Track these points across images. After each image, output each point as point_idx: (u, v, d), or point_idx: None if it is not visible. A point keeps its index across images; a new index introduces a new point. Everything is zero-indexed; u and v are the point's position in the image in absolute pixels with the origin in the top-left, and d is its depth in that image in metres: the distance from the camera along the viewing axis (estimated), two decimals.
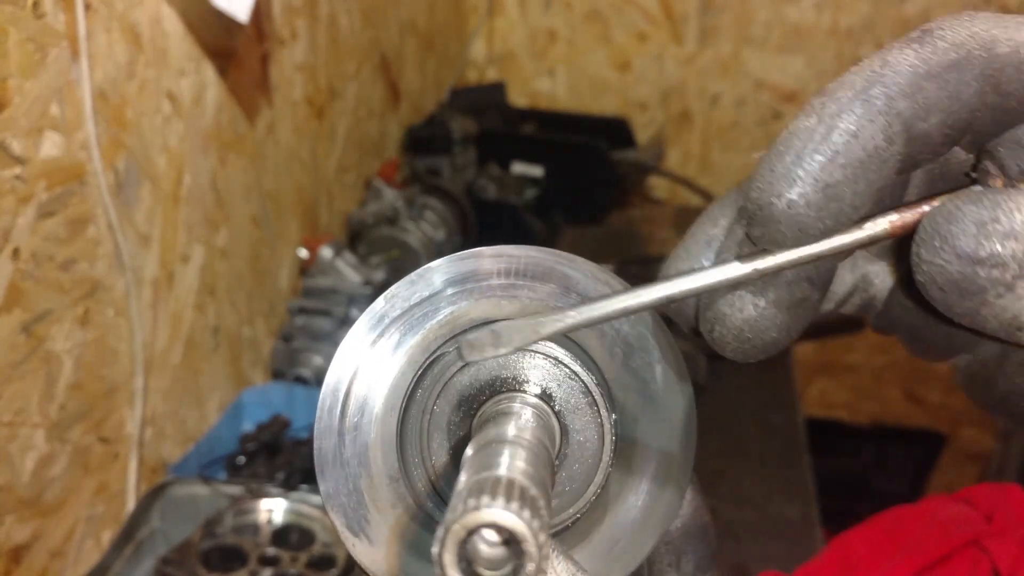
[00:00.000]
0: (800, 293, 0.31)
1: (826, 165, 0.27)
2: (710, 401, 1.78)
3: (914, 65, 0.28)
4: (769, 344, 0.31)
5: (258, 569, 1.19)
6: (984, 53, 0.28)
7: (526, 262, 0.34)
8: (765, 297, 0.31)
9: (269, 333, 1.72)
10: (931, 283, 0.28)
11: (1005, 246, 0.26)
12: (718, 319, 0.31)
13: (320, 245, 1.76)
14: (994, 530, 0.82)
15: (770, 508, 1.47)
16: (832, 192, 0.28)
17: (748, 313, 0.31)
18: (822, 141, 0.28)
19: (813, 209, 0.28)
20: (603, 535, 0.35)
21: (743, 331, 0.31)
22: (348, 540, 0.34)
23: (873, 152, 0.28)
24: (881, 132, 0.28)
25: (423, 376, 0.34)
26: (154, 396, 1.33)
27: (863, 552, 0.90)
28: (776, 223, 0.28)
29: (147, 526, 1.26)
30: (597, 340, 0.34)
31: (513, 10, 2.79)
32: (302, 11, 1.74)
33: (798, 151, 0.28)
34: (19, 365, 1.03)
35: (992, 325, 0.28)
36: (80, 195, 1.11)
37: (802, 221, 0.28)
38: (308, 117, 1.82)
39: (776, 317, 0.31)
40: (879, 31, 2.59)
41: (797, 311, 0.31)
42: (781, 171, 0.28)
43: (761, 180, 0.29)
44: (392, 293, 0.34)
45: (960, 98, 0.28)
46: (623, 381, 0.34)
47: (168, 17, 1.28)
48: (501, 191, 2.32)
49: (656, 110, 2.81)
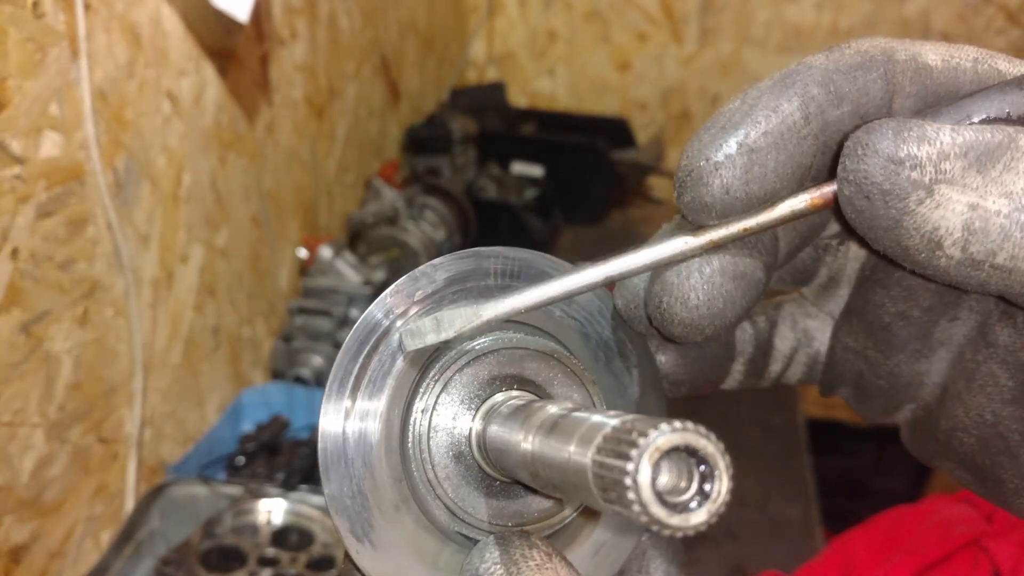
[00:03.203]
0: (743, 265, 0.32)
1: (749, 133, 0.30)
2: (710, 401, 1.78)
3: (825, 63, 0.31)
4: (716, 315, 0.32)
5: (257, 569, 1.19)
6: (884, 57, 0.31)
7: (520, 264, 0.34)
8: (710, 265, 0.32)
9: (269, 333, 1.72)
10: (857, 193, 0.29)
11: (920, 148, 0.28)
12: (666, 289, 0.33)
13: (320, 245, 1.76)
14: (994, 530, 0.82)
15: (770, 508, 1.47)
16: (756, 157, 0.30)
17: (695, 280, 0.32)
18: (746, 115, 0.30)
19: (738, 171, 0.30)
20: (590, 538, 0.35)
21: (689, 298, 0.32)
22: (352, 545, 0.33)
23: (792, 126, 0.30)
24: (798, 110, 0.30)
25: (424, 375, 0.34)
26: (153, 396, 1.33)
27: (863, 552, 0.90)
28: (705, 185, 0.30)
29: (146, 526, 1.26)
30: (582, 343, 0.35)
31: (513, 10, 2.79)
32: (302, 11, 1.74)
33: (723, 124, 0.30)
34: (18, 365, 1.03)
35: (914, 240, 0.29)
36: (79, 195, 1.11)
37: (728, 183, 0.30)
38: (308, 117, 1.82)
39: (723, 285, 0.32)
40: (879, 31, 2.59)
41: (741, 283, 0.32)
42: (707, 139, 0.30)
43: (690, 148, 0.31)
44: (397, 287, 0.34)
45: (868, 93, 0.31)
46: (605, 383, 0.35)
47: (168, 17, 1.28)
48: (501, 191, 2.32)
49: (656, 110, 2.81)
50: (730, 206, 0.30)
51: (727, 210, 0.31)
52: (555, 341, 0.35)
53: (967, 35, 2.53)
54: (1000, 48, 1.91)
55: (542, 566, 0.30)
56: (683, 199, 0.31)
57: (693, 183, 0.31)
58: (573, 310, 0.35)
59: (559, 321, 0.35)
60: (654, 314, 0.33)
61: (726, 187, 0.30)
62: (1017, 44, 2.51)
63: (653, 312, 0.33)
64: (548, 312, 0.35)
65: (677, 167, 0.31)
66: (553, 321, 0.35)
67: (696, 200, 0.31)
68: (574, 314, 0.35)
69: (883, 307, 0.35)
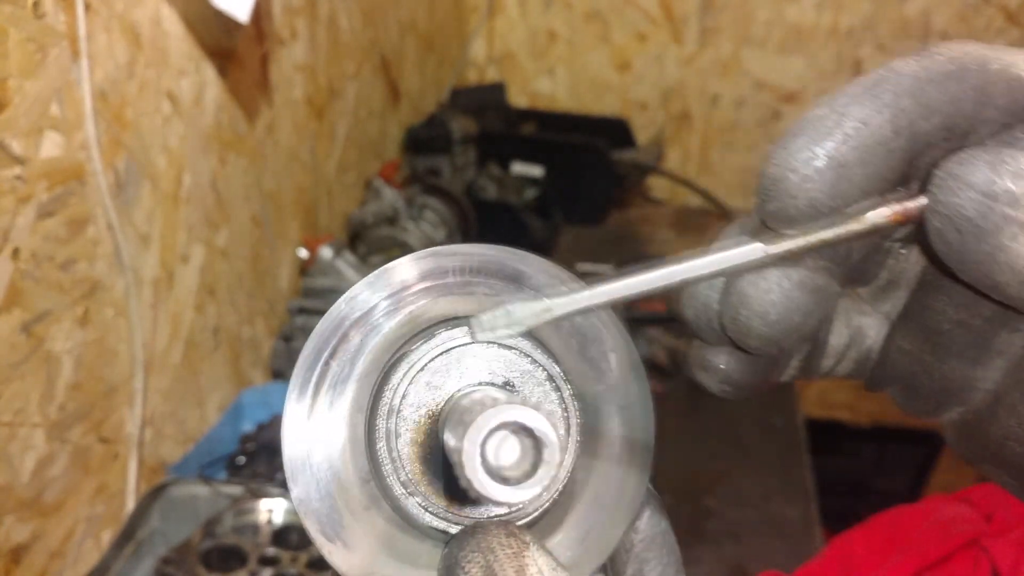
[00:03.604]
0: (821, 279, 0.32)
1: (839, 146, 0.29)
2: (710, 401, 1.78)
3: (916, 71, 0.30)
4: (793, 329, 0.32)
5: (258, 569, 1.19)
6: (977, 67, 0.30)
7: (480, 260, 0.35)
8: (790, 278, 0.32)
9: (269, 333, 1.72)
10: (948, 226, 0.29)
11: (1017, 184, 0.28)
12: (743, 303, 0.32)
13: (320, 245, 1.76)
14: (994, 530, 0.82)
15: (770, 508, 1.47)
16: (843, 172, 0.30)
17: (774, 295, 0.32)
18: (835, 126, 0.30)
19: (826, 185, 0.30)
20: (575, 523, 0.35)
21: (768, 312, 0.32)
22: (324, 546, 0.34)
23: (881, 140, 0.30)
24: (888, 123, 0.30)
25: (388, 376, 0.34)
26: (154, 396, 1.33)
27: (863, 552, 0.90)
28: (791, 197, 0.30)
29: (147, 526, 1.26)
30: (554, 333, 0.35)
31: (513, 10, 2.79)
32: (302, 11, 1.74)
33: (812, 133, 0.30)
34: (19, 365, 1.03)
35: (1006, 276, 0.28)
36: (80, 195, 1.11)
37: (814, 196, 0.30)
38: (308, 117, 1.82)
39: (800, 299, 0.32)
40: (879, 31, 2.59)
41: (818, 296, 0.32)
42: (795, 149, 0.30)
43: (777, 157, 0.30)
44: (354, 293, 0.34)
45: (959, 105, 0.30)
46: (581, 370, 0.35)
47: (168, 17, 1.28)
48: (501, 191, 2.32)
49: (656, 110, 2.81)
50: (813, 219, 0.30)
51: (810, 222, 0.30)
52: (525, 333, 0.35)
53: (967, 35, 2.53)
54: None
55: (519, 554, 0.30)
56: (767, 208, 0.31)
57: (779, 194, 0.30)
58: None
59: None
60: (729, 326, 0.33)
61: (812, 202, 0.30)
62: (1017, 44, 2.50)
63: (728, 324, 0.33)
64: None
65: (761, 172, 0.31)
66: None
67: (781, 211, 0.31)
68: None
69: (943, 314, 0.34)
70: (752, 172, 2.82)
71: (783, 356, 0.37)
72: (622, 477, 0.35)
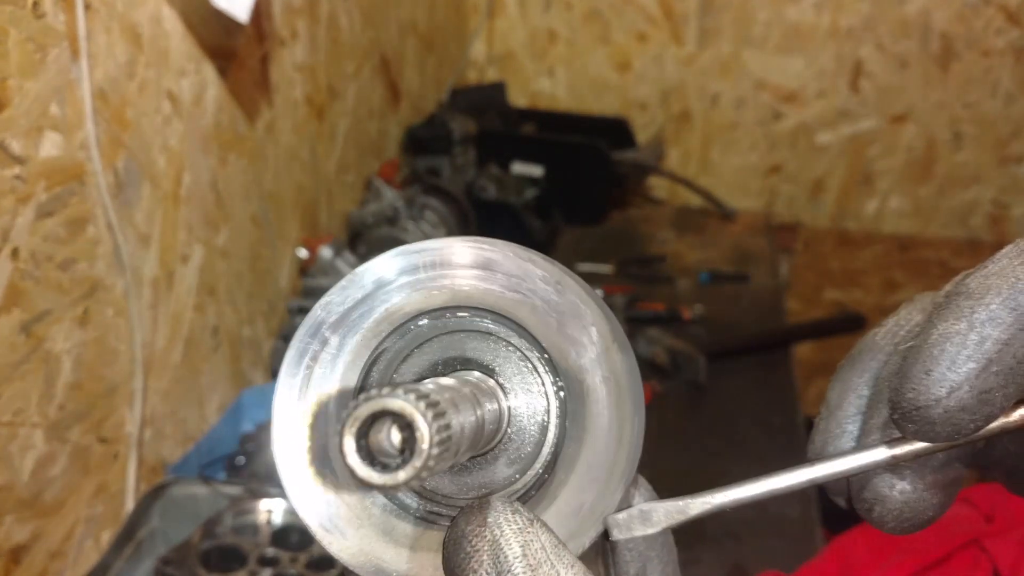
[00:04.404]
0: (953, 473, 0.33)
1: (980, 372, 0.29)
2: (710, 401, 1.78)
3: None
4: (926, 522, 0.33)
5: (257, 569, 1.19)
6: None
7: (446, 253, 0.36)
8: (923, 480, 0.33)
9: (269, 333, 1.72)
10: None
11: None
12: (878, 500, 0.34)
13: (320, 245, 1.76)
14: (994, 530, 0.82)
15: (770, 508, 1.47)
16: (985, 397, 0.30)
17: (907, 496, 0.33)
18: (976, 349, 0.30)
19: (967, 413, 0.30)
20: (570, 495, 0.35)
21: (903, 512, 0.33)
22: (324, 538, 0.35)
23: (1023, 360, 0.30)
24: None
25: (370, 373, 0.36)
26: (154, 396, 1.33)
27: (863, 552, 0.90)
28: (932, 424, 0.30)
29: (147, 526, 1.26)
30: (530, 313, 0.35)
31: (513, 10, 2.79)
32: (302, 11, 1.74)
33: (952, 357, 0.30)
34: (18, 365, 1.03)
35: None
36: (80, 195, 1.11)
37: (957, 423, 0.30)
38: (308, 117, 1.82)
39: (933, 497, 0.33)
40: (879, 31, 2.59)
41: (951, 489, 0.33)
42: (937, 377, 0.30)
43: (917, 382, 0.30)
44: (326, 300, 0.36)
45: None
46: (561, 347, 0.35)
47: (168, 17, 1.28)
48: (501, 191, 2.32)
49: (656, 110, 2.81)
50: (955, 440, 0.31)
51: (950, 440, 0.31)
52: (501, 318, 0.36)
53: (967, 35, 2.53)
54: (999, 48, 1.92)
55: (524, 529, 0.31)
56: (906, 429, 0.31)
57: (919, 419, 0.31)
58: (513, 283, 0.35)
59: (500, 297, 0.36)
60: (863, 514, 0.35)
61: (954, 427, 0.30)
62: (1016, 44, 2.52)
63: (862, 512, 0.35)
64: (490, 292, 0.36)
65: (898, 393, 0.31)
66: (501, 299, 0.36)
67: (922, 434, 0.31)
68: (516, 287, 0.35)
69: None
70: (752, 172, 2.82)
71: None
72: (613, 449, 0.35)
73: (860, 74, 2.64)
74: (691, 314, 2.01)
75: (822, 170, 2.78)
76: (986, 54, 2.54)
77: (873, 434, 0.34)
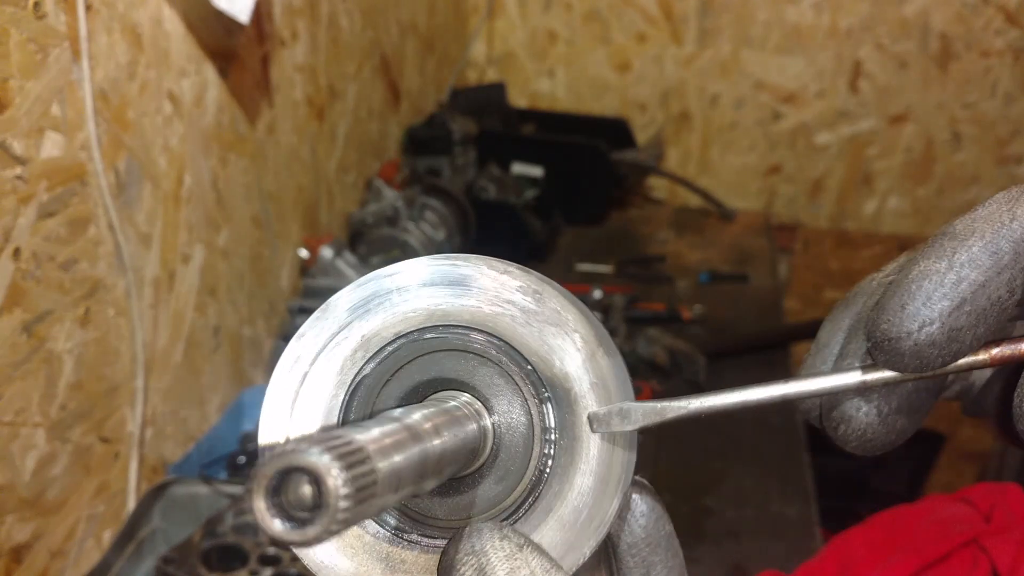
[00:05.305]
0: (919, 402, 0.34)
1: (953, 311, 0.31)
2: None
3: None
4: (887, 444, 0.35)
5: (258, 568, 1.20)
6: None
7: (419, 274, 0.36)
8: (889, 404, 0.34)
9: (269, 333, 1.72)
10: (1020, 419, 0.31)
11: None
12: (844, 420, 0.35)
13: (320, 245, 1.77)
14: (993, 529, 0.82)
15: (770, 508, 1.47)
16: (955, 335, 0.31)
17: (872, 418, 0.34)
18: (952, 288, 0.31)
19: (936, 348, 0.31)
20: (566, 507, 0.35)
21: (866, 433, 0.35)
22: (322, 572, 0.35)
23: (996, 302, 0.31)
24: (1006, 285, 0.31)
25: (350, 404, 0.36)
26: (155, 396, 1.33)
27: (863, 552, 0.90)
28: (901, 356, 0.31)
29: (148, 526, 1.27)
30: (509, 325, 0.35)
31: (513, 11, 2.79)
32: (302, 12, 1.74)
33: (928, 294, 0.31)
34: (20, 365, 1.04)
35: None
36: (81, 195, 1.12)
37: (925, 357, 0.31)
38: (308, 117, 1.82)
39: (897, 422, 0.34)
40: (878, 31, 2.59)
41: (915, 416, 0.35)
42: (912, 311, 0.31)
43: (892, 315, 0.31)
44: (302, 332, 0.36)
45: None
46: (545, 357, 0.35)
47: (169, 18, 1.28)
48: (501, 191, 2.32)
49: (656, 110, 2.81)
50: (922, 371, 0.32)
51: (918, 372, 0.32)
52: (481, 334, 0.36)
53: (966, 36, 2.53)
54: (999, 49, 1.92)
55: (512, 556, 0.31)
56: (877, 358, 0.33)
57: (890, 350, 0.32)
58: (490, 298, 0.35)
59: (477, 312, 0.36)
60: (830, 434, 0.36)
61: (922, 360, 0.31)
62: (1016, 44, 2.52)
63: (829, 431, 0.36)
64: (466, 308, 0.36)
65: (874, 323, 0.32)
66: (479, 314, 0.36)
67: (891, 363, 0.32)
68: (493, 301, 0.35)
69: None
70: (751, 172, 2.82)
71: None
72: (608, 453, 0.35)
73: (859, 74, 2.65)
74: (691, 314, 2.02)
75: (821, 170, 2.78)
76: (985, 54, 2.54)
77: (848, 359, 0.35)
